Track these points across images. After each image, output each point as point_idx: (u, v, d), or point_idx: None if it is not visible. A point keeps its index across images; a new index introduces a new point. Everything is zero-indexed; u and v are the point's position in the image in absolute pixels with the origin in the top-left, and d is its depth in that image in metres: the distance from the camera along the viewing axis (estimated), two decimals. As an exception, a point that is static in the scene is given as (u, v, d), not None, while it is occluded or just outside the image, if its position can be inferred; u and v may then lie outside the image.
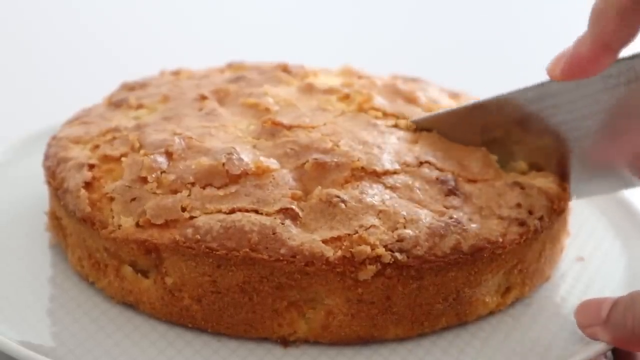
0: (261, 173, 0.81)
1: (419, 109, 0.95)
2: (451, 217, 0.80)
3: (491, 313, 0.84)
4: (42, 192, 0.93)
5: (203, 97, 0.96)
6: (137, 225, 0.79)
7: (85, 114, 0.98)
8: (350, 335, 0.79)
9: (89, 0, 1.65)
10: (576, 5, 1.80)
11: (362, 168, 0.83)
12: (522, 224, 0.82)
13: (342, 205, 0.79)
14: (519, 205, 0.84)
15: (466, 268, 0.79)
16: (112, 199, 0.81)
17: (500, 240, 0.80)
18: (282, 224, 0.77)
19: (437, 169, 0.85)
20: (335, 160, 0.83)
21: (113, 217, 0.80)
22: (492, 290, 0.83)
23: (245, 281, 0.76)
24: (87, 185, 0.83)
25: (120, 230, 0.79)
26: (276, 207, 0.78)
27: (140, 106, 0.96)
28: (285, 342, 0.79)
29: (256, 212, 0.78)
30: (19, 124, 1.15)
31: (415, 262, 0.76)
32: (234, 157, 0.82)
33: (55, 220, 0.89)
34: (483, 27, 1.70)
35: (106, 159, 0.86)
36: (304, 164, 0.82)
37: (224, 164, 0.81)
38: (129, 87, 1.03)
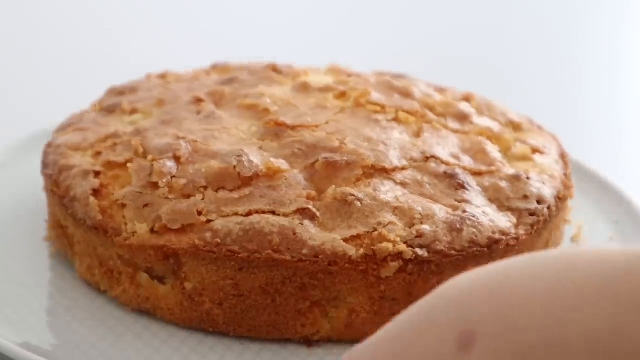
0: (272, 174, 0.81)
1: (416, 103, 0.95)
2: (464, 211, 0.80)
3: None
4: (41, 196, 0.91)
5: (199, 100, 0.95)
6: (152, 231, 0.78)
7: (77, 121, 0.96)
8: (373, 332, 0.78)
9: (64, 4, 1.61)
10: (563, 3, 1.82)
11: (372, 165, 0.83)
12: (532, 214, 0.83)
13: (358, 203, 0.79)
14: (526, 197, 0.85)
15: (483, 260, 0.79)
16: (123, 206, 0.80)
17: (514, 231, 0.81)
18: (301, 224, 0.77)
19: (443, 162, 0.86)
20: (346, 158, 0.83)
21: (126, 224, 0.79)
22: (506, 281, 0.84)
23: (268, 283, 0.76)
24: (95, 192, 0.82)
25: (136, 237, 0.78)
26: (293, 208, 0.78)
27: (134, 111, 0.95)
28: (308, 342, 0.79)
29: (273, 213, 0.78)
30: (18, 124, 1.13)
31: (436, 257, 0.77)
32: (244, 159, 0.82)
33: (59, 230, 0.87)
34: (471, 26, 1.70)
35: (111, 165, 0.85)
36: (314, 163, 0.82)
37: (235, 167, 0.81)
38: (118, 92, 1.01)
